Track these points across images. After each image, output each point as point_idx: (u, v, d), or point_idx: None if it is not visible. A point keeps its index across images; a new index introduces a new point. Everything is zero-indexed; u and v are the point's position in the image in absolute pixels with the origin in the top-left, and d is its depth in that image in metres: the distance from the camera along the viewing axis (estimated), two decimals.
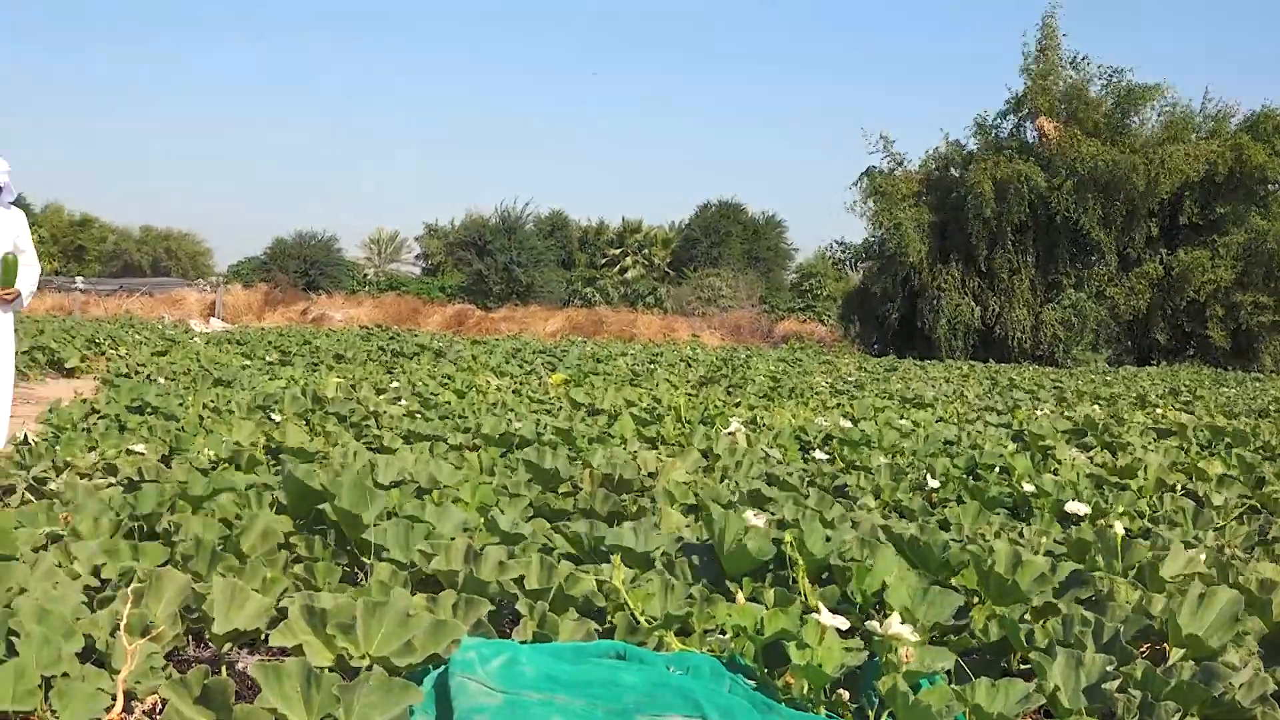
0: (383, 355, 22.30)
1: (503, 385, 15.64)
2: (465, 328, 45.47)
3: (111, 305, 46.44)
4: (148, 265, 79.16)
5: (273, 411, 10.40)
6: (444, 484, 6.40)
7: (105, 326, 30.49)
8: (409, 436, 8.94)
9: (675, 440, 9.47)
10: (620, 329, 45.35)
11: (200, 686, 3.27)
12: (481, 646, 3.51)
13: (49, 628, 3.54)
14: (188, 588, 4.06)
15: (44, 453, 7.89)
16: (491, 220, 61.26)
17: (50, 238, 68.49)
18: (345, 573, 4.86)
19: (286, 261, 61.24)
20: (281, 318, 46.02)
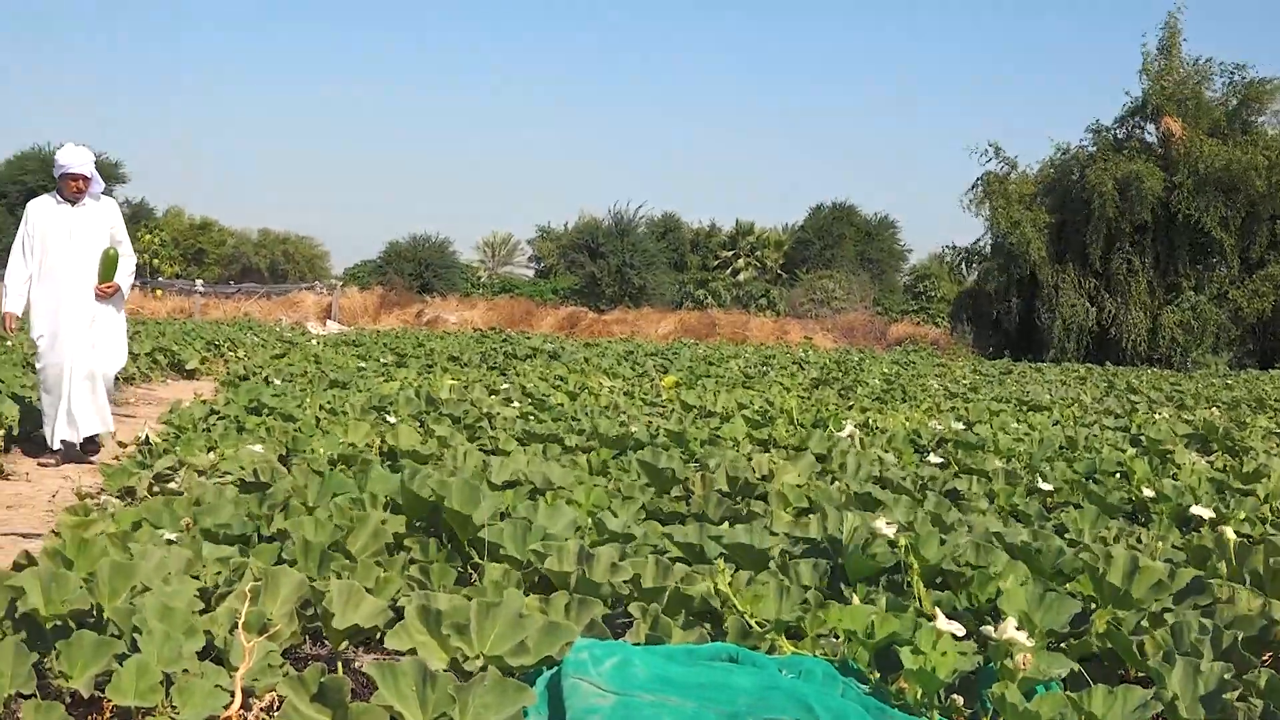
0: (496, 357, 22.40)
1: (615, 387, 15.66)
2: (578, 330, 45.58)
3: (230, 308, 47.08)
4: (266, 268, 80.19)
5: (388, 413, 10.49)
6: (557, 485, 6.42)
7: (224, 329, 30.95)
8: (522, 438, 8.98)
9: (787, 443, 9.43)
10: (732, 331, 45.25)
11: (317, 684, 3.31)
12: (594, 647, 3.52)
13: (170, 625, 3.59)
14: (305, 587, 4.11)
15: (165, 453, 8.02)
16: (604, 223, 61.41)
17: (171, 241, 69.60)
18: (459, 574, 4.89)
19: (401, 264, 61.72)
20: (396, 320, 46.39)
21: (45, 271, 9.95)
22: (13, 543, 6.83)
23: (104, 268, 9.93)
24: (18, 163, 62.84)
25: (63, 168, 9.95)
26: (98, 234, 10.01)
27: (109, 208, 10.23)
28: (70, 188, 9.94)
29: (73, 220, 9.96)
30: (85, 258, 9.93)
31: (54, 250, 9.91)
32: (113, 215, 10.20)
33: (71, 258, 9.90)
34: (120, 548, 4.69)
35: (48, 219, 10.00)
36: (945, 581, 4.82)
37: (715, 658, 3.64)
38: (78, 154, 9.95)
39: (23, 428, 10.34)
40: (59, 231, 9.93)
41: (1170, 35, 43.30)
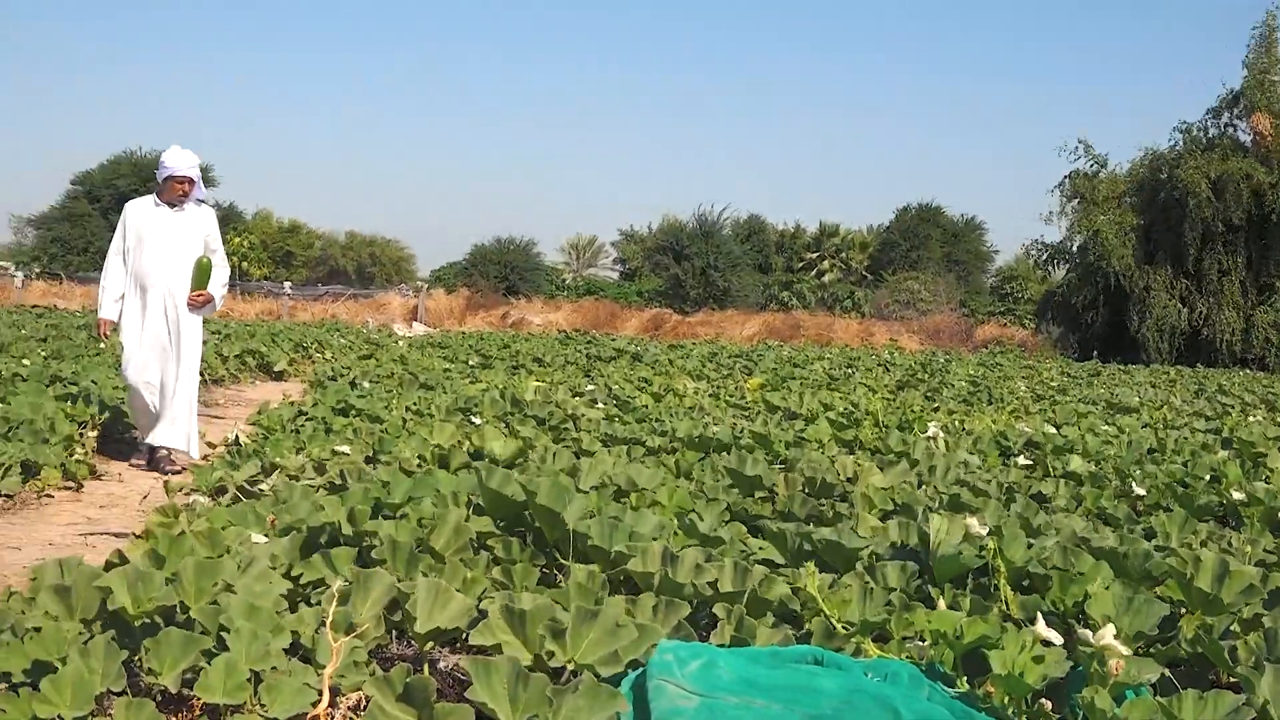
0: (581, 359, 22.45)
1: (699, 389, 15.65)
2: (662, 332, 45.62)
3: (318, 310, 47.50)
4: (353, 270, 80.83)
5: (473, 414, 10.53)
6: (641, 487, 6.42)
7: (312, 330, 31.22)
8: (607, 439, 8.98)
9: (873, 445, 9.39)
10: (817, 333, 45.11)
11: (403, 684, 3.32)
12: (679, 649, 3.52)
13: (257, 624, 3.62)
14: (393, 587, 4.13)
15: (253, 454, 8.09)
16: (688, 225, 61.39)
17: (260, 244, 70.29)
18: (543, 574, 4.90)
19: (487, 266, 61.99)
20: (482, 322, 46.64)
21: (138, 276, 9.74)
22: (105, 542, 6.92)
23: (198, 276, 9.74)
24: (111, 167, 63.66)
25: (169, 170, 9.69)
26: (194, 240, 9.81)
27: (206, 215, 10.02)
28: (175, 190, 9.73)
29: (171, 225, 9.75)
30: (180, 264, 9.72)
31: (149, 255, 9.69)
32: (209, 223, 9.99)
33: (166, 263, 9.69)
34: (209, 547, 4.74)
35: (145, 222, 9.77)
36: (1031, 584, 4.77)
37: (800, 660, 3.62)
38: (184, 156, 9.73)
39: (115, 429, 10.46)
40: (156, 235, 9.71)
41: (1269, 33, 42.64)
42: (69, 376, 12.79)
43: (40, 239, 64.31)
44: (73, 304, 40.68)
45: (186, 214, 9.82)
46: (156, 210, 9.79)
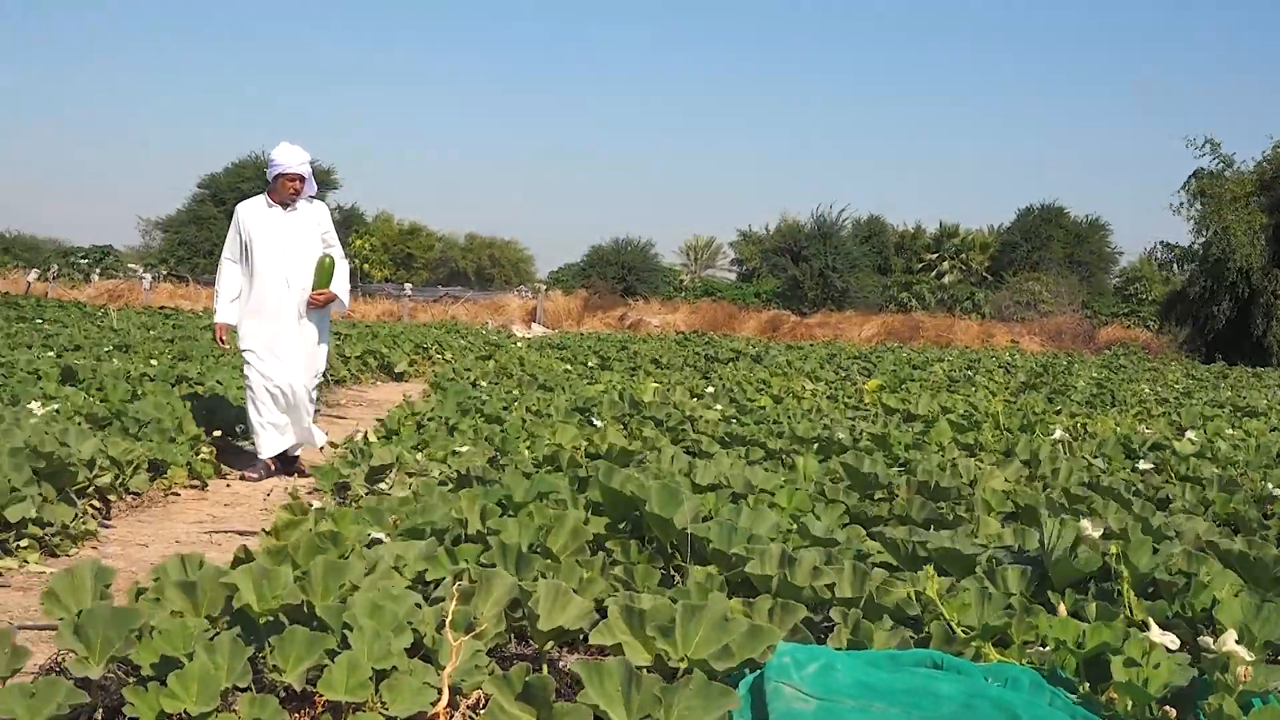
0: (698, 360, 22.44)
1: (818, 390, 15.59)
2: (780, 333, 45.45)
3: (438, 311, 47.85)
4: (472, 272, 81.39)
5: (592, 415, 10.57)
6: (759, 488, 6.40)
7: (432, 332, 31.45)
8: (725, 441, 8.98)
9: (993, 448, 9.30)
10: (937, 334, 44.69)
11: (522, 684, 3.34)
12: (796, 651, 3.51)
13: (380, 623, 3.66)
14: (513, 587, 4.15)
15: (376, 453, 8.18)
16: (807, 226, 61.12)
17: (381, 246, 70.96)
18: (662, 575, 4.91)
19: (604, 268, 62.12)
20: (600, 323, 46.72)
21: (255, 279, 9.52)
22: (230, 539, 7.03)
23: (320, 275, 9.48)
24: (236, 170, 64.53)
25: (278, 167, 9.47)
26: (310, 238, 9.57)
27: (320, 211, 9.77)
28: (286, 188, 9.48)
29: (285, 224, 9.51)
30: (297, 264, 9.47)
31: (264, 256, 9.47)
32: (324, 219, 9.75)
33: (283, 264, 9.45)
34: (332, 546, 4.79)
35: (258, 223, 9.54)
36: (1157, 590, 4.70)
37: (919, 664, 3.59)
38: (294, 153, 9.49)
39: (240, 429, 10.59)
40: (270, 236, 9.47)
41: None
42: (195, 377, 13.01)
43: (167, 241, 65.39)
44: (197, 305, 41.31)
45: (299, 212, 9.59)
46: (269, 211, 9.58)
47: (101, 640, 3.49)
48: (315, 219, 9.68)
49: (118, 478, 7.81)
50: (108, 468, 7.69)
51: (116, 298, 45.08)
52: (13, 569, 6.03)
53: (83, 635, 3.50)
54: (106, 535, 7.09)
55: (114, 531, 7.23)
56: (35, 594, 5.51)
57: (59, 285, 47.53)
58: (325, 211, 9.86)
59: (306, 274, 9.52)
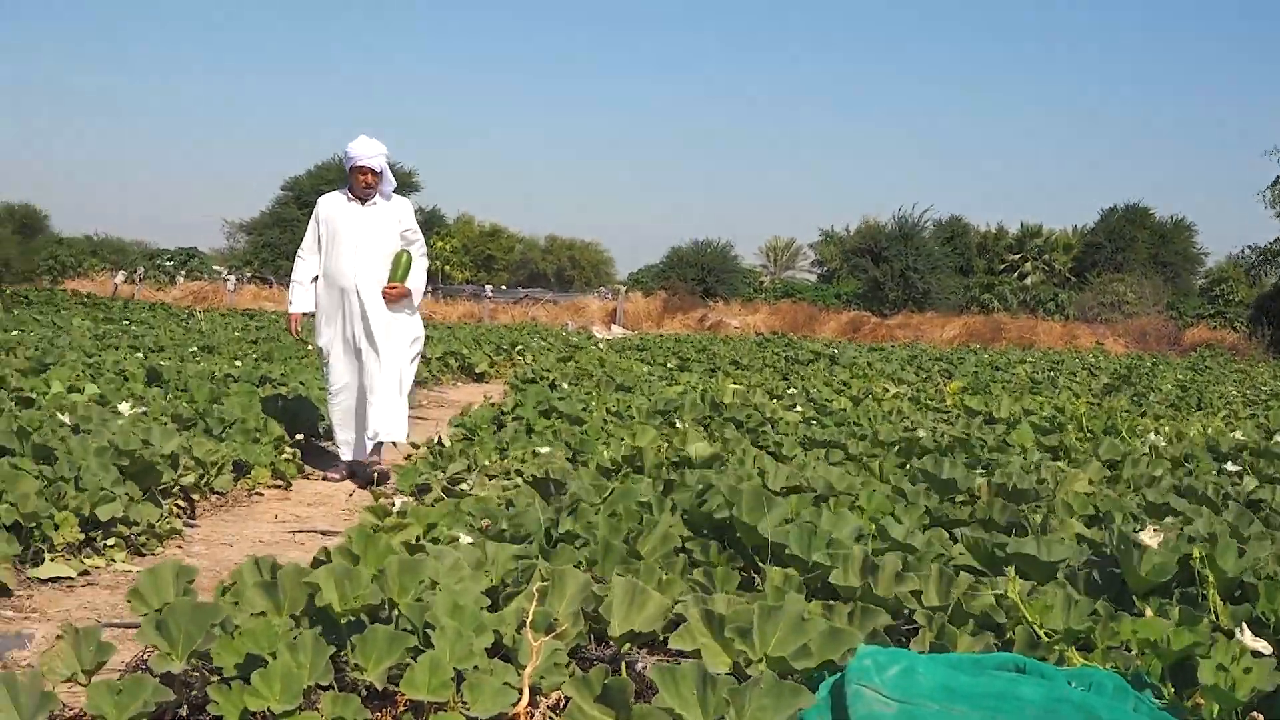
0: (778, 361, 22.40)
1: (899, 392, 15.52)
2: (860, 334, 45.29)
3: (518, 312, 48.05)
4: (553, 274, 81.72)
5: (672, 417, 10.57)
6: (839, 491, 6.38)
7: (512, 333, 31.59)
8: (805, 443, 8.95)
9: (1076, 450, 9.21)
10: (1019, 336, 44.35)
11: (601, 685, 3.35)
12: (878, 654, 3.49)
13: (461, 623, 3.67)
14: (589, 588, 4.16)
15: (457, 454, 8.22)
16: (887, 227, 60.82)
17: (462, 247, 71.34)
18: (741, 578, 4.90)
19: (684, 269, 62.08)
20: (679, 324, 46.73)
21: (330, 273, 9.37)
22: (312, 539, 7.09)
23: (396, 270, 9.27)
24: (319, 173, 64.97)
25: (352, 160, 9.28)
26: (387, 234, 9.37)
27: (400, 207, 9.54)
28: (360, 182, 9.29)
29: (362, 219, 9.34)
30: (373, 260, 9.27)
31: (340, 251, 9.31)
32: (405, 215, 9.51)
33: (358, 259, 9.25)
34: (412, 546, 4.82)
35: (336, 217, 9.39)
36: (1244, 594, 4.64)
37: (1001, 668, 3.57)
38: (367, 145, 9.26)
39: (324, 429, 10.67)
40: (347, 230, 9.31)
41: None
42: (278, 378, 13.13)
43: (251, 244, 66.02)
44: (281, 307, 41.59)
45: (378, 208, 9.39)
46: (348, 205, 9.42)
47: (183, 636, 3.53)
48: (395, 215, 9.46)
49: (202, 477, 7.89)
50: (193, 468, 7.77)
51: (201, 299, 45.64)
52: (100, 567, 6.11)
53: (164, 631, 3.54)
54: (191, 534, 7.16)
55: (199, 531, 7.30)
56: (122, 592, 5.58)
57: (145, 287, 48.15)
58: (407, 208, 9.63)
59: (381, 270, 9.30)
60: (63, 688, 3.51)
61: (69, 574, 5.85)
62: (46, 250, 61.79)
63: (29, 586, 5.65)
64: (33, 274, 52.44)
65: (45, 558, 5.88)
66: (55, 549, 5.96)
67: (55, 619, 5.14)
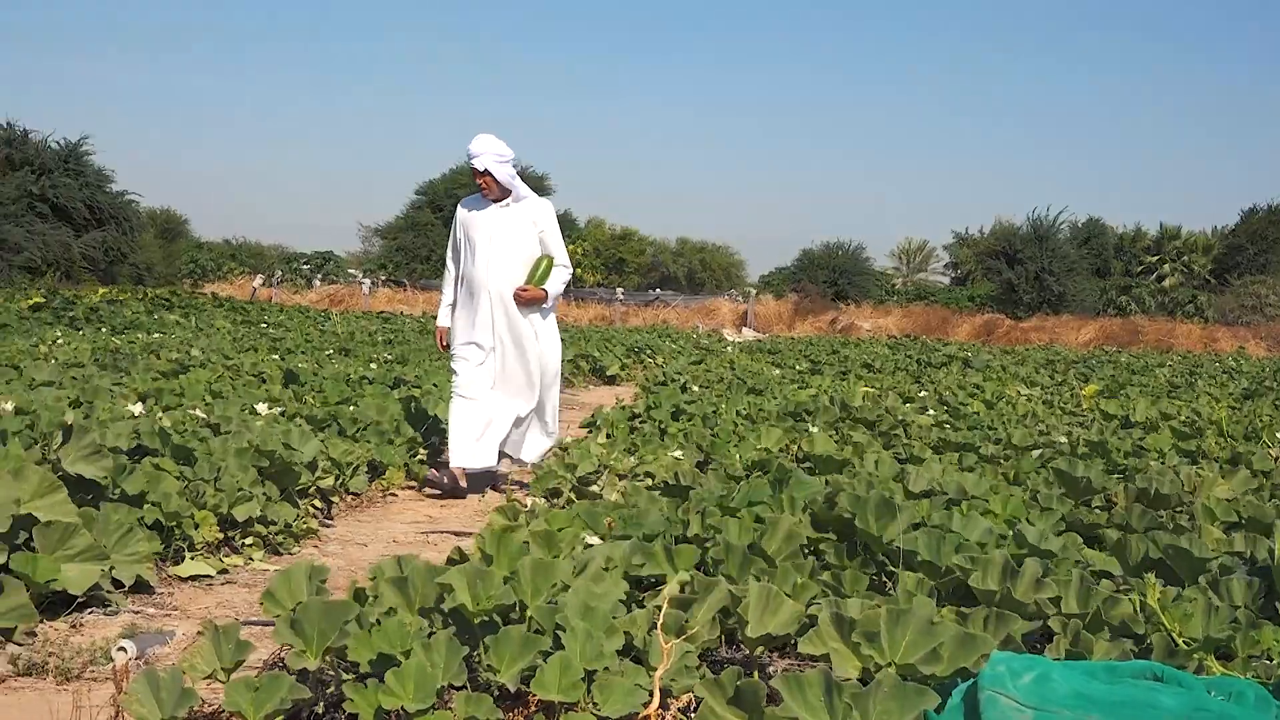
0: (911, 364, 22.24)
1: (1033, 396, 15.33)
2: (994, 337, 44.82)
3: (649, 315, 48.15)
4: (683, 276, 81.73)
5: (803, 419, 10.53)
6: (972, 494, 6.32)
7: (643, 335, 31.65)
8: (937, 446, 8.88)
9: (1217, 455, 9.03)
10: (1157, 339, 43.62)
11: (733, 688, 3.34)
12: (1012, 660, 3.45)
13: (592, 624, 3.68)
14: (723, 591, 4.15)
15: (587, 456, 8.25)
16: (1022, 229, 60.10)
17: (593, 250, 71.57)
18: (873, 581, 4.87)
19: (815, 272, 61.84)
20: (810, 327, 46.53)
21: (466, 277, 9.00)
22: (445, 540, 7.16)
23: (534, 274, 8.84)
24: (451, 177, 65.49)
25: (468, 158, 8.95)
26: (520, 237, 8.90)
27: (538, 209, 9.04)
28: (476, 182, 8.95)
29: (493, 221, 8.92)
30: (506, 263, 8.84)
31: (474, 254, 8.90)
32: (542, 217, 9.01)
33: (490, 262, 8.84)
34: (545, 548, 4.85)
35: (470, 219, 9.02)
36: None
37: (1138, 676, 3.51)
38: (477, 143, 8.84)
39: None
40: (479, 233, 8.92)
41: None
42: (413, 380, 13.27)
43: (386, 248, 66.74)
44: (415, 310, 42.12)
45: (511, 210, 8.93)
46: (481, 207, 9.02)
47: (317, 634, 3.58)
48: (530, 217, 8.98)
49: (338, 478, 8.00)
50: (329, 468, 7.88)
51: (337, 302, 46.25)
52: (239, 566, 6.22)
53: (299, 629, 3.59)
54: (327, 534, 7.26)
55: (334, 530, 7.40)
56: (259, 590, 5.65)
57: (283, 290, 48.88)
58: (546, 210, 9.14)
59: (515, 273, 8.88)
60: (202, 684, 3.58)
61: (209, 572, 5.96)
62: (187, 254, 63.04)
63: (170, 584, 5.76)
64: (174, 277, 53.50)
65: (186, 556, 6.00)
66: (195, 548, 6.08)
67: (195, 616, 5.24)
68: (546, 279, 8.89)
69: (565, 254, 9.15)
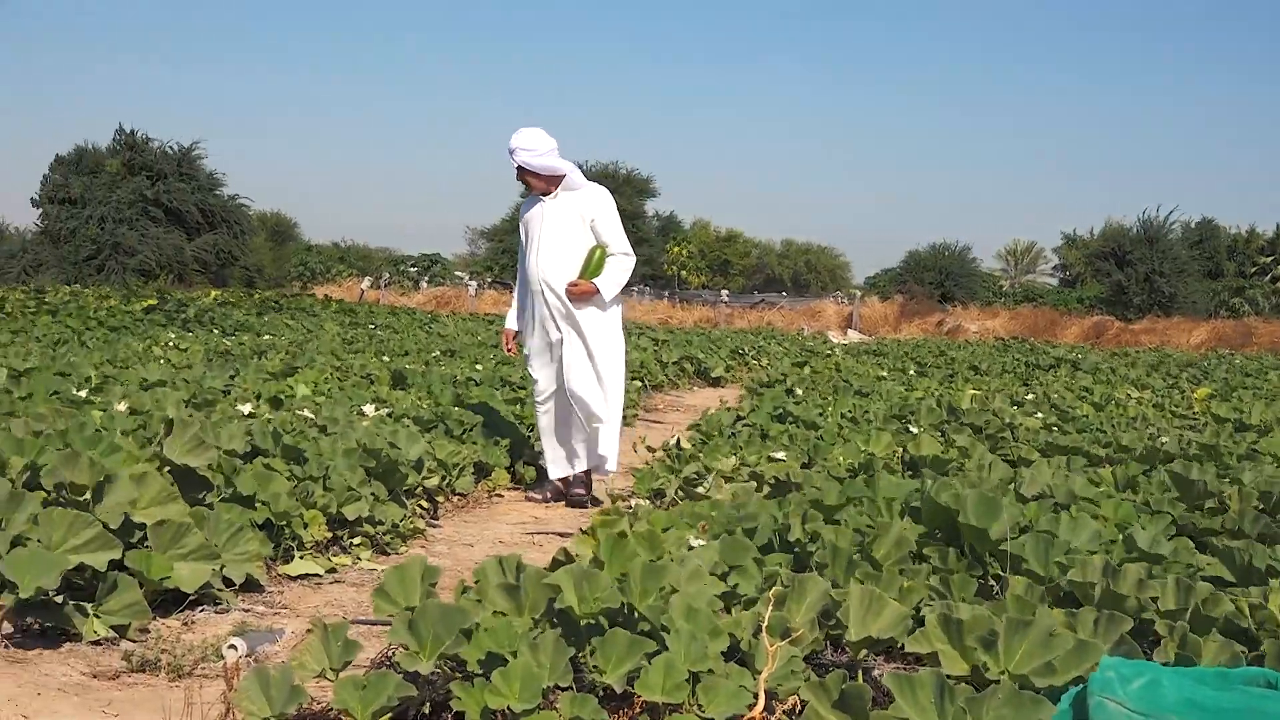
0: (1019, 367, 22.02)
1: (1143, 399, 15.14)
2: (1103, 339, 44.26)
3: (754, 317, 48.08)
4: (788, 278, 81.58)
5: (908, 422, 10.47)
6: (1081, 498, 6.25)
7: (748, 337, 31.60)
8: (1045, 449, 8.79)
9: None
10: (1271, 341, 42.84)
11: (838, 690, 3.33)
12: (1121, 666, 3.41)
13: (696, 626, 3.69)
14: (827, 594, 4.14)
15: (692, 458, 8.25)
16: (1132, 230, 59.32)
17: (698, 252, 71.62)
18: (979, 584, 4.83)
19: (921, 273, 61.53)
20: (917, 329, 46.22)
21: (525, 276, 8.65)
22: (550, 541, 7.19)
23: (586, 266, 8.37)
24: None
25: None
26: (571, 229, 8.42)
27: (589, 197, 8.53)
28: (520, 180, 8.61)
29: (542, 216, 8.51)
30: (557, 257, 8.39)
31: (530, 250, 8.55)
32: (595, 206, 8.48)
33: (538, 259, 8.45)
34: (649, 549, 4.85)
35: (528, 216, 8.65)
36: None
37: (1250, 682, 3.45)
38: (514, 139, 8.36)
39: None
40: (533, 229, 8.55)
41: None
42: (518, 381, 13.34)
43: (491, 250, 67.28)
44: None
45: (559, 200, 8.46)
46: (536, 202, 8.63)
47: (432, 637, 3.60)
48: (579, 207, 8.48)
49: (445, 479, 8.05)
50: (435, 469, 7.93)
51: (444, 304, 46.62)
52: (347, 565, 6.28)
53: (415, 631, 3.62)
54: (433, 534, 7.32)
55: (441, 531, 7.46)
56: (367, 590, 5.73)
57: (390, 292, 49.32)
58: (599, 197, 8.59)
59: (567, 268, 8.41)
60: (310, 683, 3.62)
61: (318, 571, 6.02)
62: (296, 257, 63.88)
63: (280, 583, 5.83)
64: (284, 279, 54.25)
65: (295, 555, 6.07)
66: (304, 547, 6.15)
67: (304, 615, 5.30)
68: (600, 272, 8.39)
69: (624, 241, 8.56)
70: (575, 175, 8.50)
